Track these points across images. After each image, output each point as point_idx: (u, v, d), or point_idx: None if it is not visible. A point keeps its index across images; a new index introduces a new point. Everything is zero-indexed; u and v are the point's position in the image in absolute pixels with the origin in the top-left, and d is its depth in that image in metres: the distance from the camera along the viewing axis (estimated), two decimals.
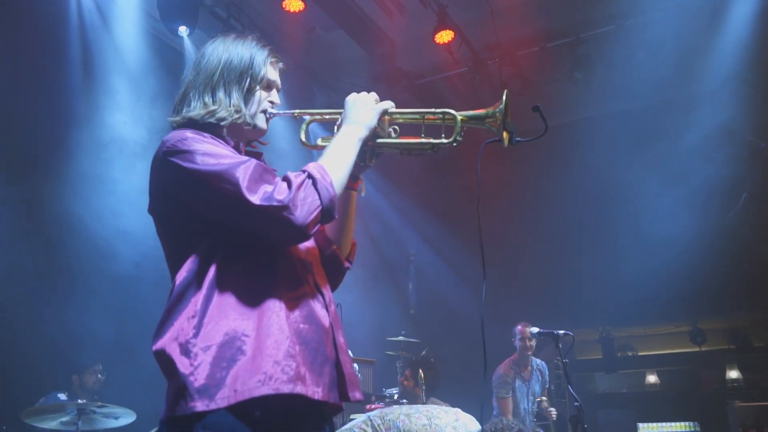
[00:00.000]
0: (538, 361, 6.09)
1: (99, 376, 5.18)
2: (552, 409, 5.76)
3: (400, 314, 8.13)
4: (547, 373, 6.12)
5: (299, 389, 1.53)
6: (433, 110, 1.94)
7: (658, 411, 7.61)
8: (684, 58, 6.56)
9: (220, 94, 1.78)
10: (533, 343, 5.79)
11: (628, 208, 7.52)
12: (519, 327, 5.76)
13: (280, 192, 1.54)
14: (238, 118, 1.78)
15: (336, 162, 1.70)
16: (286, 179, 1.59)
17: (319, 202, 1.59)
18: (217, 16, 6.11)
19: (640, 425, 7.65)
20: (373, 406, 5.19)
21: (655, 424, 7.64)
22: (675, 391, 8.31)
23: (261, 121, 1.87)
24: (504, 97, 1.88)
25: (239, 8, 6.18)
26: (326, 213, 1.61)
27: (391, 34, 7.30)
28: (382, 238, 8.58)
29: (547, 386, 6.17)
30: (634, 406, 7.81)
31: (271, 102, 1.90)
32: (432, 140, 1.90)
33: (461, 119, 1.91)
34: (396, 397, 5.42)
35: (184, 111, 1.79)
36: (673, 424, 7.39)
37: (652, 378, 8.58)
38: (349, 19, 6.78)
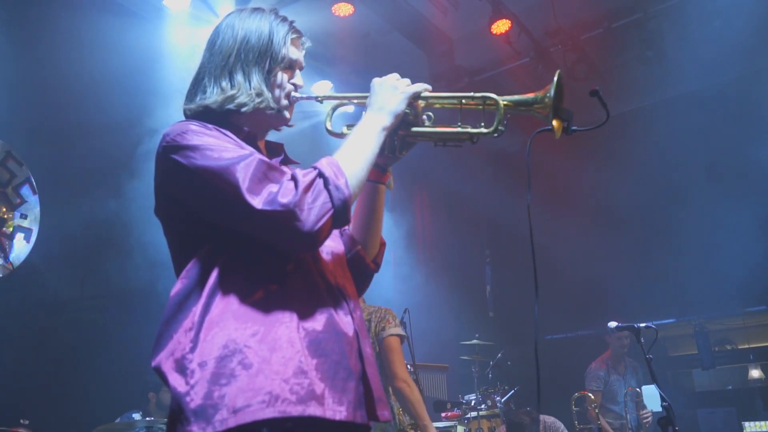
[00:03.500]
0: (631, 359, 6.16)
1: None
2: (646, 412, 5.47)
3: (477, 317, 7.89)
4: (641, 371, 6.05)
5: (311, 410, 1.33)
6: (472, 94, 1.73)
7: (764, 408, 7.01)
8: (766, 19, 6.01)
9: (239, 78, 1.62)
10: (627, 341, 5.81)
11: (714, 190, 7.01)
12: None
13: (285, 194, 1.36)
14: (261, 102, 1.61)
15: (353, 156, 1.51)
16: (293, 178, 1.41)
17: (330, 205, 1.40)
18: None
19: (746, 424, 7.08)
20: (449, 414, 5.02)
21: (763, 423, 7.04)
22: None
23: (284, 108, 1.69)
24: (555, 79, 1.64)
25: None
26: (338, 217, 1.43)
27: (447, 31, 7.13)
28: (456, 240, 8.40)
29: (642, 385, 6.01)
30: (737, 404, 7.23)
31: (294, 84, 1.71)
32: (470, 129, 1.70)
33: (504, 105, 1.70)
34: (473, 403, 5.22)
35: (198, 98, 1.64)
36: None
37: (756, 373, 7.93)
38: (402, 19, 6.66)
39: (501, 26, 6.31)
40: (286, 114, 1.72)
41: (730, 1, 5.81)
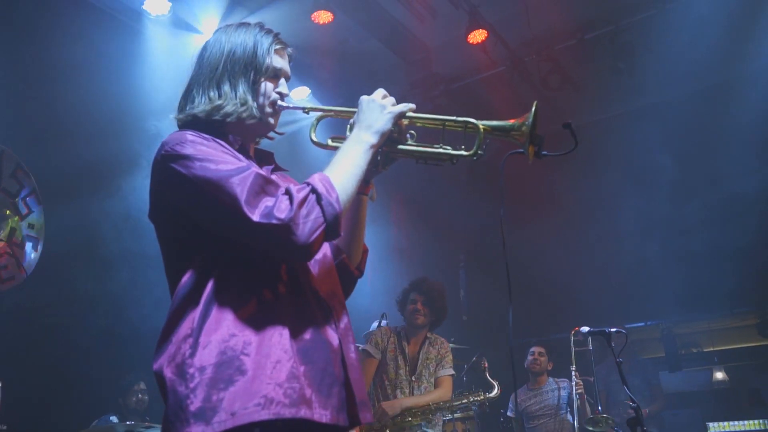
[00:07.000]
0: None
1: (140, 395, 5.12)
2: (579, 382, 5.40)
3: (451, 321, 7.97)
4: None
5: (303, 413, 1.45)
6: (454, 118, 1.84)
7: (728, 409, 7.24)
8: (734, 35, 6.22)
9: (226, 88, 1.70)
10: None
11: (682, 195, 7.20)
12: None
13: (280, 209, 1.45)
14: (244, 111, 1.69)
15: (343, 173, 1.61)
16: (288, 193, 1.50)
17: (322, 219, 1.50)
18: None
19: (710, 425, 7.30)
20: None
21: (726, 423, 7.28)
22: (745, 388, 7.89)
23: (269, 115, 1.78)
24: (533, 109, 1.76)
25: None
26: (330, 231, 1.53)
27: (424, 39, 7.22)
28: (430, 244, 8.48)
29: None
30: (702, 405, 7.46)
31: (280, 93, 1.80)
32: (451, 151, 1.81)
33: (484, 129, 1.80)
34: None
35: (188, 108, 1.72)
36: (745, 422, 7.02)
37: (719, 375, 8.18)
38: (381, 27, 6.73)
39: (477, 36, 6.43)
40: (271, 121, 1.80)
41: (698, 18, 6.00)
